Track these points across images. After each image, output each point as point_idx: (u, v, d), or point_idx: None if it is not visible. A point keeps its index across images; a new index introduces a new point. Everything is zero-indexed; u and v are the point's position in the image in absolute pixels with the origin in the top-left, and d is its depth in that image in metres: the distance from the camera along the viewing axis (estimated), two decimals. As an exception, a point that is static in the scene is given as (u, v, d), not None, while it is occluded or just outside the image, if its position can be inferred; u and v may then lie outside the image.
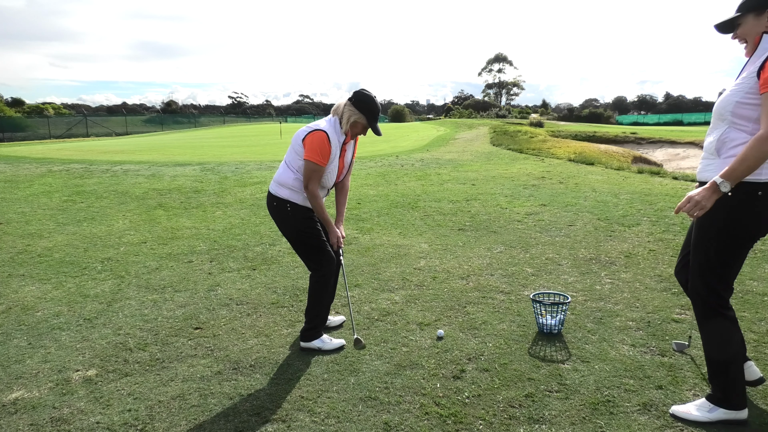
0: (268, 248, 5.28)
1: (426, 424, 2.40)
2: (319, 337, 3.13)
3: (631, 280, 4.23)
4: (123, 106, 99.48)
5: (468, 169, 11.55)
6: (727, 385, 2.33)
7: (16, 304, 3.89)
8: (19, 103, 63.25)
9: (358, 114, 3.01)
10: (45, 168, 11.85)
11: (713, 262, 2.28)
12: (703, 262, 2.31)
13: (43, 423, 2.43)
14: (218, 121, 58.63)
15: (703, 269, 2.32)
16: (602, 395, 2.60)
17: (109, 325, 3.50)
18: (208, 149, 18.03)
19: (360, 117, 3.02)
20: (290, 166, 3.06)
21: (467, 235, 5.73)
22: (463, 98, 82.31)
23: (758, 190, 2.15)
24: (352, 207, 7.24)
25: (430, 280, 4.30)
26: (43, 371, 2.90)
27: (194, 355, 3.07)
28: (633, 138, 24.29)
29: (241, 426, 2.40)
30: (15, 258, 5.06)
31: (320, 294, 3.12)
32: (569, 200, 7.55)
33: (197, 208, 7.45)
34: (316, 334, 3.13)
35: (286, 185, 3.05)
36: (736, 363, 2.34)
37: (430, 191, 8.58)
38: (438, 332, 3.30)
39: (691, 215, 2.17)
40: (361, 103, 3.01)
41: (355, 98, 3.03)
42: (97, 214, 7.09)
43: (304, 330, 3.13)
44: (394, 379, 2.77)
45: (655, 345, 3.11)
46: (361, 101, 3.01)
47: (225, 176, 10.39)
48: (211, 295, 4.03)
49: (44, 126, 37.86)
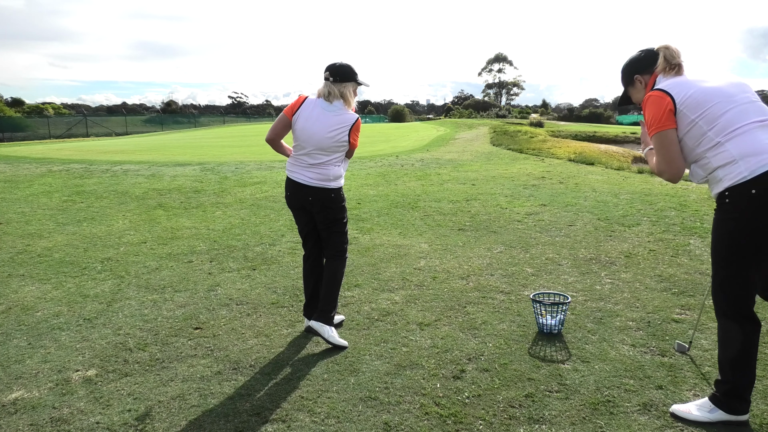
0: (268, 248, 5.28)
1: (426, 424, 2.40)
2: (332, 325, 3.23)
3: (631, 280, 4.23)
4: (123, 106, 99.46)
5: (468, 169, 11.55)
6: (727, 389, 2.32)
7: (16, 304, 3.89)
8: (19, 103, 63.27)
9: (353, 84, 3.19)
10: (45, 168, 11.85)
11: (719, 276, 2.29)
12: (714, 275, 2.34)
13: (43, 423, 2.43)
14: (218, 121, 58.61)
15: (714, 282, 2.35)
16: (602, 395, 2.60)
17: (109, 325, 3.50)
18: (208, 149, 18.03)
19: (354, 84, 3.21)
20: (333, 162, 3.22)
21: (467, 235, 5.73)
22: (463, 98, 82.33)
23: (724, 198, 2.17)
24: (352, 207, 7.24)
25: (430, 280, 4.30)
26: (43, 371, 2.90)
27: (194, 355, 3.07)
28: (633, 138, 24.27)
29: (241, 426, 2.40)
30: (15, 258, 5.06)
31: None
32: (569, 200, 7.55)
33: (197, 208, 7.45)
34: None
35: (339, 175, 3.28)
36: (741, 369, 2.29)
37: (430, 191, 8.58)
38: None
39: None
40: (346, 74, 3.16)
41: (340, 75, 3.14)
42: (97, 214, 7.09)
43: (328, 312, 3.22)
44: (394, 379, 2.77)
45: (655, 345, 3.11)
46: (345, 73, 3.15)
47: (225, 176, 10.39)
48: (211, 295, 4.03)
49: (44, 126, 37.87)
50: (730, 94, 2.15)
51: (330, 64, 3.17)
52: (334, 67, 3.15)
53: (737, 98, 2.13)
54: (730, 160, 2.07)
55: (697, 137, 2.14)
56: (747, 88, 2.22)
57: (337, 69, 3.13)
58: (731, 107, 2.11)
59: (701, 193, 7.75)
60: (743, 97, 2.14)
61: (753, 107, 2.13)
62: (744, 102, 2.13)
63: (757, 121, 2.09)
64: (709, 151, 2.12)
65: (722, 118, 2.09)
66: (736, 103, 2.12)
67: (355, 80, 3.19)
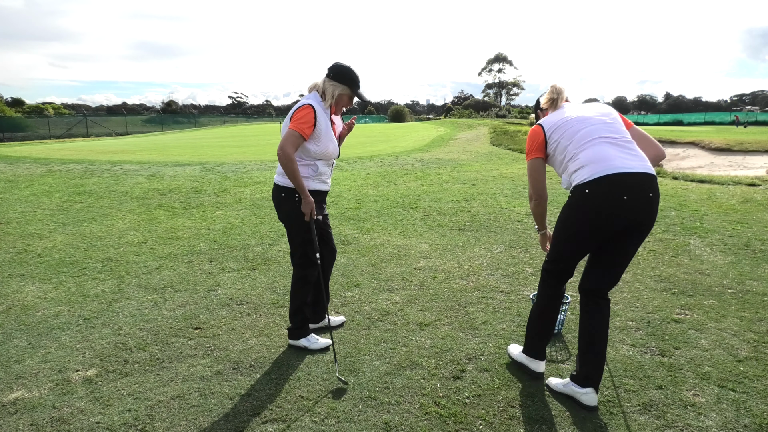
0: (268, 248, 5.28)
1: (426, 424, 2.40)
2: (306, 336, 3.17)
3: (631, 280, 4.23)
4: (123, 106, 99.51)
5: (468, 169, 11.55)
6: (531, 335, 2.79)
7: (16, 304, 3.89)
8: (19, 103, 63.33)
9: (341, 86, 2.99)
10: (45, 168, 11.85)
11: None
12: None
13: (43, 423, 2.43)
14: (218, 121, 58.67)
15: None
16: (602, 395, 2.60)
17: (109, 325, 3.50)
18: (208, 149, 18.03)
19: (343, 89, 3.00)
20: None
21: (467, 235, 5.73)
22: (463, 98, 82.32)
23: (570, 194, 2.59)
24: (352, 207, 7.24)
25: (430, 280, 4.30)
26: (43, 371, 2.90)
27: (194, 355, 3.07)
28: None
29: (241, 426, 2.40)
30: (15, 258, 5.06)
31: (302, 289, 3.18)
32: (569, 200, 7.54)
33: (197, 208, 7.45)
34: (303, 332, 3.17)
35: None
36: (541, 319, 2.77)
37: (430, 191, 8.58)
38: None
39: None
40: (340, 75, 2.99)
41: (333, 72, 2.99)
42: (97, 214, 7.09)
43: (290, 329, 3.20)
44: (394, 379, 2.77)
45: (655, 345, 3.11)
46: (340, 73, 2.99)
47: (225, 176, 10.39)
48: (211, 295, 4.03)
49: (44, 126, 37.89)
50: (587, 117, 2.60)
51: (338, 63, 3.05)
52: (336, 65, 3.02)
53: (592, 120, 2.58)
54: (580, 166, 2.50)
55: (561, 151, 2.62)
56: (608, 111, 2.67)
57: (337, 68, 3.01)
58: (585, 126, 2.56)
59: (701, 194, 7.75)
60: (598, 119, 2.58)
61: (605, 126, 2.56)
62: (597, 123, 2.57)
63: (606, 137, 2.51)
64: (570, 161, 2.57)
65: (577, 135, 2.56)
66: (590, 124, 2.56)
67: (348, 85, 3.00)
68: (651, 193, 2.41)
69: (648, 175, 2.41)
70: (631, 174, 2.39)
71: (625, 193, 2.37)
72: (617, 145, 2.49)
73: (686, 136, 23.41)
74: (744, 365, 2.87)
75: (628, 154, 2.46)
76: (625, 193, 2.37)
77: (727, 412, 2.45)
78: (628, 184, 2.38)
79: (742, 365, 2.87)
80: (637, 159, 2.46)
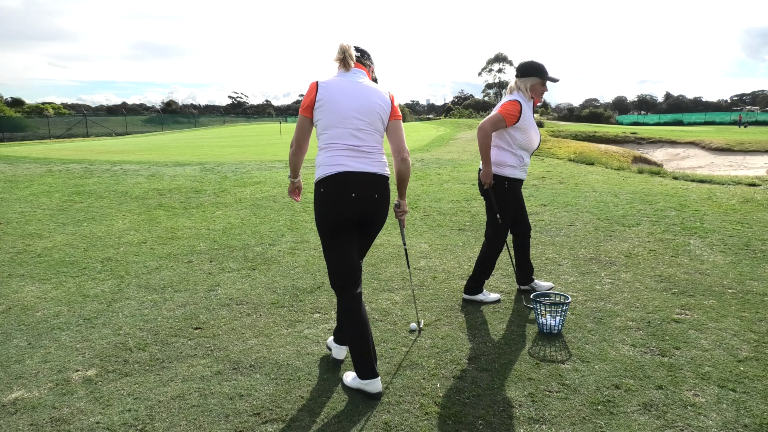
0: (268, 248, 5.28)
1: (426, 424, 2.40)
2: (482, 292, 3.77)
3: (631, 280, 4.23)
4: (123, 106, 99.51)
5: (468, 169, 11.54)
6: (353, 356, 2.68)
7: (16, 304, 3.89)
8: (19, 103, 63.33)
9: (530, 79, 3.48)
10: (45, 168, 11.85)
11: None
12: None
13: (43, 423, 2.43)
14: (218, 121, 58.67)
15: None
16: (602, 395, 2.60)
17: (109, 325, 3.50)
18: (208, 149, 18.03)
19: (533, 79, 3.48)
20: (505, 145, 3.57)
21: (467, 235, 5.73)
22: (463, 98, 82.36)
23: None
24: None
25: (430, 280, 4.30)
26: (43, 371, 2.90)
27: (194, 355, 3.07)
28: (633, 138, 24.32)
29: (241, 426, 2.40)
30: (15, 258, 5.06)
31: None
32: (569, 200, 7.55)
33: (197, 208, 7.45)
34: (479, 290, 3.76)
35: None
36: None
37: (430, 191, 8.58)
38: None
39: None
40: (525, 70, 3.50)
41: (520, 70, 3.52)
42: (97, 214, 7.09)
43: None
44: (394, 379, 2.77)
45: (655, 345, 3.11)
46: (524, 69, 3.50)
47: (225, 176, 10.38)
48: (211, 295, 4.03)
49: (44, 126, 37.90)
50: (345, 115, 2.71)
51: (521, 61, 3.62)
52: (520, 64, 3.58)
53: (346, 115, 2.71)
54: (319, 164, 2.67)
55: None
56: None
57: (521, 66, 3.55)
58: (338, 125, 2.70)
59: (701, 193, 7.76)
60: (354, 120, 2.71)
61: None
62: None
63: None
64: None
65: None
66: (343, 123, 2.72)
67: (535, 75, 3.51)
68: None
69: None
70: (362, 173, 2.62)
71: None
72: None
73: (686, 136, 23.43)
74: (744, 365, 2.86)
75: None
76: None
77: (727, 412, 2.45)
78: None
79: (743, 365, 2.86)
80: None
